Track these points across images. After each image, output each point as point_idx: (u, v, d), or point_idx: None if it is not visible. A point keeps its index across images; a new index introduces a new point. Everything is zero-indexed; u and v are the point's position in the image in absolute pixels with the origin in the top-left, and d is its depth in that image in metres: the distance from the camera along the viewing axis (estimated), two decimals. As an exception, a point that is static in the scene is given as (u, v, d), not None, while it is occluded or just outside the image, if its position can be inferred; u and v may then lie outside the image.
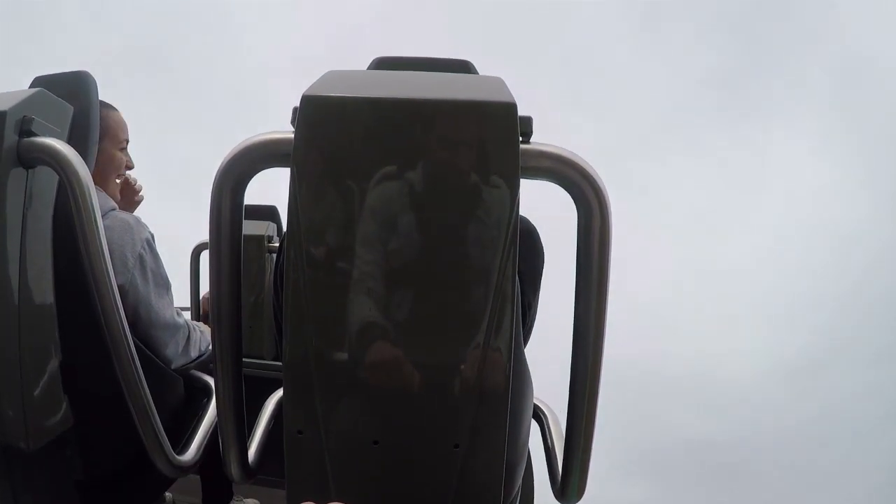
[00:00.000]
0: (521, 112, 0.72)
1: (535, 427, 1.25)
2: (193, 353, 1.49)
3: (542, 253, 1.16)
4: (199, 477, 1.91)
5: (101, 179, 1.43)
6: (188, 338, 1.45)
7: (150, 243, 1.35)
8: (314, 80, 0.78)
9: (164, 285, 1.39)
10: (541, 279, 1.17)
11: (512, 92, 0.76)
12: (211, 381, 1.49)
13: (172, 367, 1.41)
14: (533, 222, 1.14)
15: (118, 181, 1.50)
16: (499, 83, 0.81)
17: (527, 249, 1.09)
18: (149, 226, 1.39)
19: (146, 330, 1.33)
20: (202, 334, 1.53)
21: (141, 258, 1.32)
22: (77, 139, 1.16)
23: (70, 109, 1.14)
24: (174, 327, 1.40)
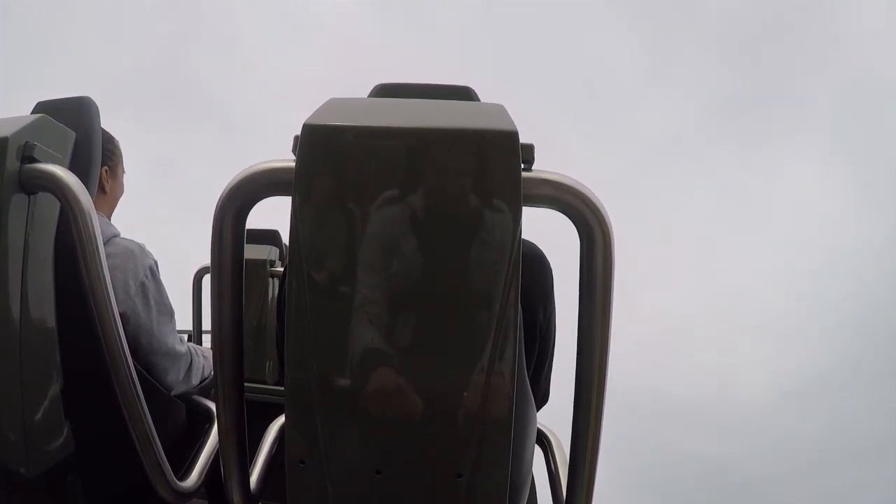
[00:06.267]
0: (523, 139, 0.72)
1: (538, 452, 1.23)
2: (195, 381, 1.48)
3: (550, 273, 1.14)
4: (201, 502, 1.89)
5: (113, 207, 1.46)
6: (190, 365, 1.44)
7: (153, 271, 1.34)
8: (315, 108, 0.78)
9: (166, 313, 1.37)
10: (553, 297, 1.14)
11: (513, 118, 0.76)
12: (213, 405, 1.48)
13: (173, 393, 1.40)
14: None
15: None
16: (500, 110, 0.81)
17: (533, 271, 1.07)
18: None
19: (146, 357, 1.32)
20: (206, 360, 1.52)
21: (143, 286, 1.30)
22: (79, 165, 1.16)
23: (72, 135, 1.14)
24: (175, 355, 1.38)
